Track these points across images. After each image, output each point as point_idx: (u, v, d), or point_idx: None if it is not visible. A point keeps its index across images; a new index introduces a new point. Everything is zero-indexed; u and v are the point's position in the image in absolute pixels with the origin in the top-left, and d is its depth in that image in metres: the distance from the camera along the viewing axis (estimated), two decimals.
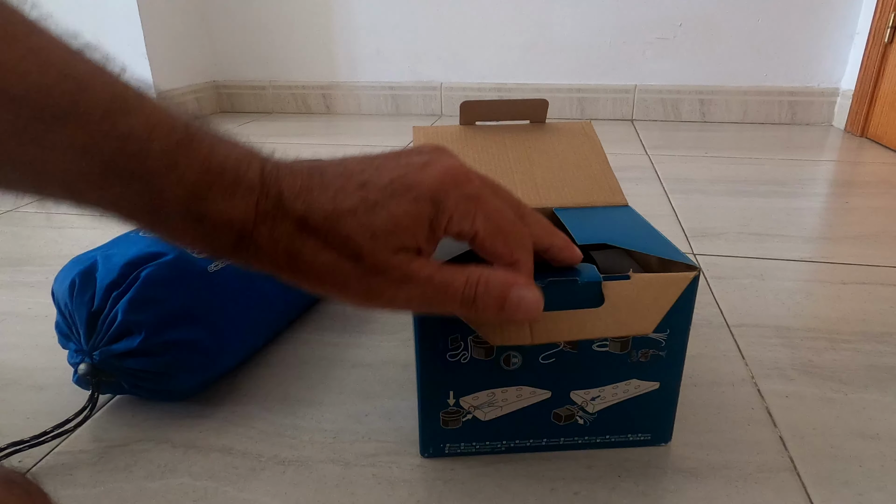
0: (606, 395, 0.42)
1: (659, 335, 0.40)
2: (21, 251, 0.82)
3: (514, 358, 0.40)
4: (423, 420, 0.42)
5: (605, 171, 0.51)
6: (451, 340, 0.39)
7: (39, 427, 0.45)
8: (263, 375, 0.53)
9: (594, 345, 0.40)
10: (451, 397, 0.41)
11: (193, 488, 0.41)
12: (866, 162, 1.27)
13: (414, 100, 1.87)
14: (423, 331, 0.39)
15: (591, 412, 0.43)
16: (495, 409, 0.42)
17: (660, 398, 0.42)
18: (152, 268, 0.46)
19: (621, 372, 0.41)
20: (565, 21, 1.70)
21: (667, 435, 0.44)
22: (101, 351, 0.45)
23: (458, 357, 0.39)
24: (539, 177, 0.51)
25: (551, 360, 0.40)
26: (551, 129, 0.56)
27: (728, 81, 1.68)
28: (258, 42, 1.90)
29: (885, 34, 1.43)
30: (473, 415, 0.42)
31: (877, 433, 0.45)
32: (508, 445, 0.43)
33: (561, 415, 0.43)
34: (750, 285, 0.70)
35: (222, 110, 1.99)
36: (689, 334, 0.40)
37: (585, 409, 0.42)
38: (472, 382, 0.40)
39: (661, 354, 0.41)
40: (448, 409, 0.41)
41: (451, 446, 0.43)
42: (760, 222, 0.91)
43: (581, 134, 0.55)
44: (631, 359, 0.40)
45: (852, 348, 0.57)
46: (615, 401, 0.42)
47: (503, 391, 0.41)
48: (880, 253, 0.79)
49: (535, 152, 0.53)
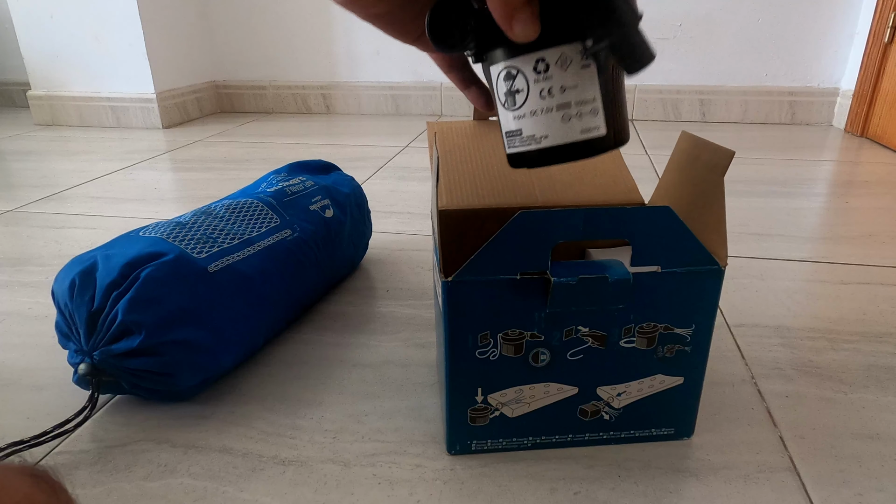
0: (632, 390, 0.42)
1: (684, 330, 0.41)
2: (21, 251, 0.82)
3: (542, 355, 0.40)
4: (451, 417, 0.42)
5: (621, 170, 0.51)
6: (480, 338, 0.39)
7: (39, 427, 0.45)
8: (263, 375, 0.53)
9: (621, 341, 0.40)
10: (480, 394, 0.41)
11: (193, 488, 0.41)
12: (866, 162, 1.27)
13: (414, 100, 1.87)
14: (453, 328, 0.39)
15: (617, 408, 0.43)
16: (522, 405, 0.42)
17: (684, 393, 0.43)
18: (152, 268, 0.46)
19: (647, 367, 0.42)
20: None
21: (689, 429, 0.45)
22: (101, 351, 0.45)
23: (487, 354, 0.40)
24: (556, 174, 0.51)
25: (579, 357, 0.41)
26: None
27: (728, 81, 1.68)
28: (258, 42, 1.90)
29: (885, 34, 1.43)
30: (501, 411, 0.42)
31: (877, 433, 0.45)
32: (535, 441, 0.44)
33: (587, 410, 0.43)
34: (750, 285, 0.70)
35: (222, 110, 1.99)
36: (713, 329, 0.41)
37: (611, 404, 0.43)
38: (500, 379, 0.41)
39: (686, 349, 0.41)
40: (476, 406, 0.42)
41: (477, 443, 0.43)
42: (760, 222, 0.91)
43: None
44: (657, 354, 0.41)
45: (852, 348, 0.57)
46: (640, 396, 0.43)
47: (531, 388, 0.41)
48: (880, 253, 0.79)
49: None
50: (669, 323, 0.40)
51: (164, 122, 1.71)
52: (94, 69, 1.70)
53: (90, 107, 1.73)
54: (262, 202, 0.60)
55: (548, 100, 0.33)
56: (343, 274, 0.70)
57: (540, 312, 0.39)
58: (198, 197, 1.07)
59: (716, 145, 0.41)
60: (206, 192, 1.09)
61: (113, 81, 1.70)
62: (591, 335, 0.40)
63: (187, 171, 1.26)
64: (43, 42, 1.68)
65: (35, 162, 1.33)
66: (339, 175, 0.74)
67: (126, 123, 1.73)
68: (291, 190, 0.65)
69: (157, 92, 1.69)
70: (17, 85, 2.04)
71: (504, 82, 0.34)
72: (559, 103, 0.33)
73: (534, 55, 0.33)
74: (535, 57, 0.33)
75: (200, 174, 1.23)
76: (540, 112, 0.34)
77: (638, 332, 0.40)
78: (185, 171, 1.26)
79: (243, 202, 0.60)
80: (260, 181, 0.68)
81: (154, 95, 1.68)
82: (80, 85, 1.72)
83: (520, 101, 0.34)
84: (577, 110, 0.33)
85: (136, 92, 1.69)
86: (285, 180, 0.66)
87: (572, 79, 0.33)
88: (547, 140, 0.34)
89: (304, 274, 0.60)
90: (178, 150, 1.43)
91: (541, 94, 0.33)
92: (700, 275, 0.39)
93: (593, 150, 0.34)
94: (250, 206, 0.59)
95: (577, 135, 0.33)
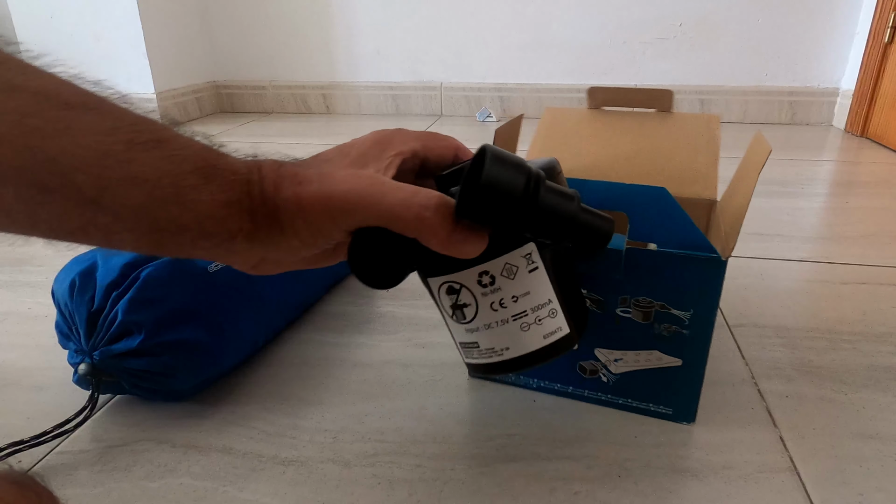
0: (629, 359, 0.45)
1: (681, 313, 0.42)
2: (21, 251, 0.82)
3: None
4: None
5: (708, 167, 0.53)
6: None
7: (39, 427, 0.45)
8: (263, 375, 0.53)
9: (617, 309, 0.44)
10: None
11: (193, 488, 0.41)
12: (866, 162, 1.27)
13: (414, 100, 1.87)
14: None
15: (615, 373, 0.46)
16: None
17: (683, 376, 0.44)
18: (152, 268, 0.46)
19: (645, 341, 0.44)
20: (565, 21, 1.70)
21: (690, 415, 0.46)
22: (101, 351, 0.45)
23: None
24: (641, 162, 0.53)
25: None
26: (675, 119, 0.59)
27: (728, 81, 1.68)
28: (258, 42, 1.90)
29: (885, 34, 1.43)
30: None
31: (877, 433, 0.45)
32: (539, 385, 0.49)
33: (586, 367, 0.46)
34: (750, 285, 0.70)
35: (222, 110, 1.99)
36: (714, 320, 0.42)
37: (609, 368, 0.46)
38: None
39: (684, 333, 0.43)
40: None
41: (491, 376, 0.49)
42: (760, 222, 0.91)
43: (704, 128, 0.57)
44: (654, 331, 0.43)
45: (852, 348, 0.57)
46: (637, 367, 0.45)
47: None
48: (880, 253, 0.79)
49: (648, 139, 0.56)
50: (665, 302, 0.42)
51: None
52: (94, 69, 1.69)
53: None
54: None
55: (501, 312, 0.31)
56: (343, 274, 0.70)
57: None
58: None
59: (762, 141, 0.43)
60: None
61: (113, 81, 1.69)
62: (590, 297, 0.44)
63: None
64: (43, 42, 1.68)
65: None
66: None
67: None
68: None
69: (158, 92, 1.69)
70: None
71: (447, 296, 0.31)
72: (514, 314, 0.31)
73: (475, 269, 0.30)
74: (477, 271, 0.30)
75: None
76: (495, 325, 0.31)
77: (634, 304, 0.43)
78: None
79: None
80: None
81: (154, 95, 1.68)
82: None
83: (469, 315, 0.31)
84: (535, 316, 0.31)
85: (136, 92, 1.69)
86: None
87: (522, 286, 0.30)
88: (509, 352, 0.32)
89: (304, 274, 0.60)
90: None
91: (492, 306, 0.31)
92: (696, 260, 0.40)
93: (559, 351, 0.32)
94: None
95: (539, 341, 0.31)
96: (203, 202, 0.26)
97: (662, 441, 0.44)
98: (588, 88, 0.60)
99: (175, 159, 0.25)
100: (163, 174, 0.25)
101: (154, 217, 0.25)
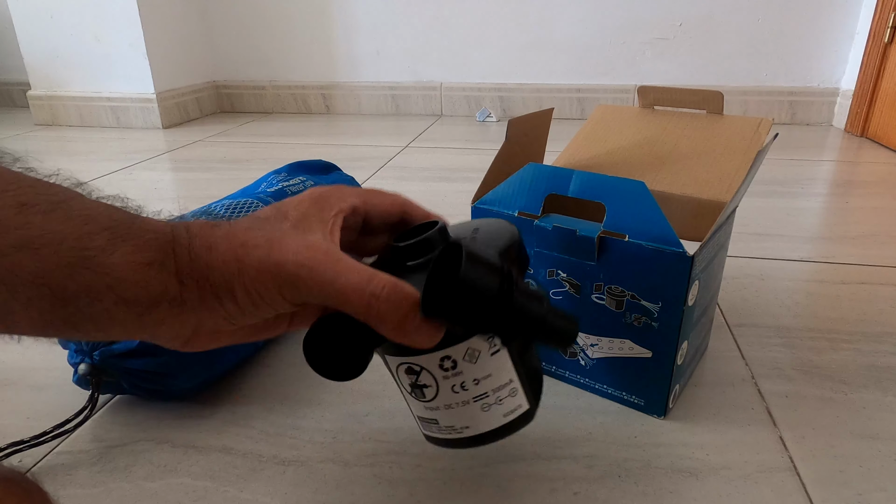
0: (603, 345, 0.46)
1: (651, 305, 0.43)
2: None
3: (532, 285, 0.44)
4: None
5: (738, 170, 0.53)
6: None
7: (39, 427, 0.45)
8: (263, 375, 0.53)
9: (593, 295, 0.46)
10: None
11: (193, 488, 0.41)
12: (866, 162, 1.27)
13: (414, 100, 1.87)
14: None
15: (592, 357, 0.47)
16: None
17: (652, 368, 0.45)
18: None
19: (617, 329, 0.46)
20: (565, 21, 1.70)
21: (660, 408, 0.46)
22: (101, 351, 0.45)
23: None
24: (672, 161, 0.54)
25: (559, 298, 0.47)
26: (723, 121, 0.59)
27: (728, 81, 1.68)
28: (258, 42, 1.90)
29: (885, 34, 1.43)
30: None
31: (877, 433, 0.45)
32: None
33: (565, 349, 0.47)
34: (750, 285, 0.70)
35: (222, 110, 1.99)
36: (682, 314, 0.42)
37: (586, 352, 0.47)
38: None
39: (653, 324, 0.44)
40: None
41: None
42: (760, 222, 0.91)
43: (751, 131, 0.57)
44: (625, 319, 0.45)
45: (852, 348, 0.57)
46: (611, 354, 0.46)
47: None
48: (880, 253, 0.79)
49: (688, 140, 0.57)
50: (635, 292, 0.43)
51: (164, 122, 1.71)
52: (94, 69, 1.69)
53: (90, 107, 1.73)
54: (262, 202, 0.60)
55: (462, 394, 0.31)
56: None
57: (530, 248, 0.47)
58: (198, 197, 1.07)
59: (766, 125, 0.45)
60: (206, 192, 1.09)
61: (113, 81, 1.70)
62: (568, 281, 0.46)
63: (187, 171, 1.26)
64: (43, 42, 1.68)
65: (35, 162, 1.33)
66: (339, 175, 0.74)
67: (126, 123, 1.73)
68: (292, 190, 0.64)
69: (158, 92, 1.69)
70: (17, 85, 2.04)
71: (406, 375, 0.31)
72: (475, 395, 0.31)
73: (437, 354, 0.29)
74: (439, 356, 0.29)
75: (200, 174, 1.23)
76: (456, 405, 0.31)
77: (607, 291, 0.45)
78: (185, 171, 1.26)
79: (243, 202, 0.60)
80: (260, 181, 0.68)
81: (154, 95, 1.68)
82: (80, 85, 1.72)
83: (430, 395, 0.31)
84: (496, 397, 0.31)
85: (136, 92, 1.69)
86: (285, 180, 0.66)
87: (484, 369, 0.30)
88: (469, 430, 0.32)
89: None
90: (178, 150, 1.43)
91: (453, 388, 0.30)
92: (664, 254, 0.41)
93: (518, 427, 0.32)
94: (250, 206, 0.59)
95: (500, 419, 0.32)
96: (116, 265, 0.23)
97: (662, 441, 0.44)
98: (638, 88, 0.61)
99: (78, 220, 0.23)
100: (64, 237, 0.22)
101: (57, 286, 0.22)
